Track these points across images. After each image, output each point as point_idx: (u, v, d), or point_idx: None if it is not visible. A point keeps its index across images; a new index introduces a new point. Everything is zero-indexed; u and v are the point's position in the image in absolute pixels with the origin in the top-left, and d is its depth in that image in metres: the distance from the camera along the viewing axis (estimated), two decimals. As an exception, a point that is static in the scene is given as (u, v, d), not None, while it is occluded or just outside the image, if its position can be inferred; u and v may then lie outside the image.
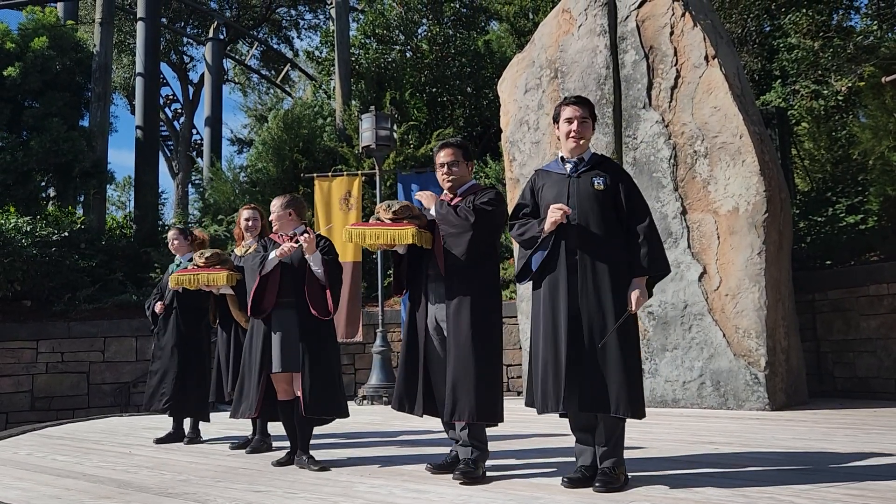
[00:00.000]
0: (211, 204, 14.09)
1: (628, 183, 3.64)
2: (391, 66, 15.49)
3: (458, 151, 4.03)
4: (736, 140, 6.93)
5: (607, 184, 3.57)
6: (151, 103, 16.32)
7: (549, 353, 3.49)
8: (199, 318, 5.77)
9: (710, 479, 3.57)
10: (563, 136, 3.71)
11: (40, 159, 13.27)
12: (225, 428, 6.30)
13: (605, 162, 3.73)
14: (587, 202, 3.57)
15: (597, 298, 3.47)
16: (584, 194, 3.58)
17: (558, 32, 8.17)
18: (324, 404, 4.33)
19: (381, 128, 9.75)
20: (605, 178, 3.59)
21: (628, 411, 3.37)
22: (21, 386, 10.57)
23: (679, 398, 6.98)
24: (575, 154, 3.69)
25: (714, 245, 6.95)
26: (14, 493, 3.80)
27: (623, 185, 3.61)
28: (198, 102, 25.29)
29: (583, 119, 3.68)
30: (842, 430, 5.28)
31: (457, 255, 3.77)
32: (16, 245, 11.18)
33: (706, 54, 7.18)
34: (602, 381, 3.41)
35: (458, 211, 3.85)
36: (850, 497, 3.12)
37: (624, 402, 3.37)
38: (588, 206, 3.56)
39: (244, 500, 3.48)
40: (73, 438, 6.15)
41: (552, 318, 3.52)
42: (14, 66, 13.59)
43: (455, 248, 3.78)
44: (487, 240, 3.85)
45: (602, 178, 3.59)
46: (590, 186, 3.58)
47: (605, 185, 3.57)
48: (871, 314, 7.99)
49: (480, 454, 3.81)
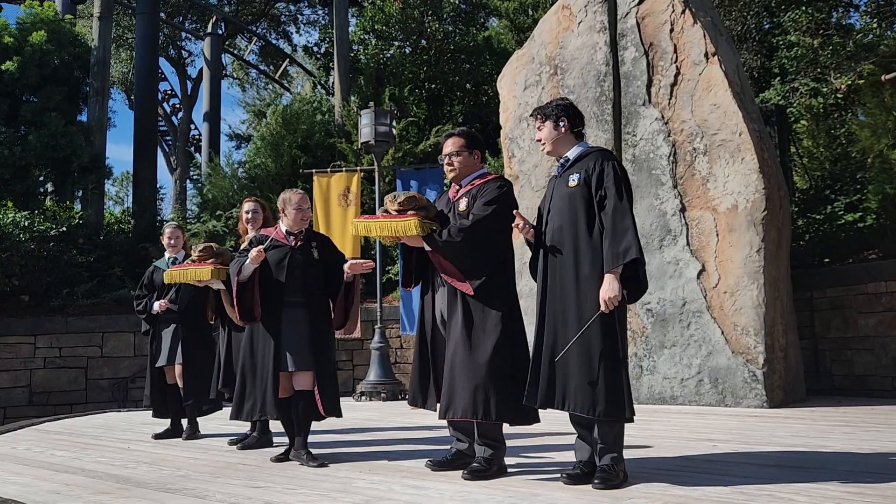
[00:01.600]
0: (209, 200, 14.06)
1: (601, 169, 3.50)
2: (390, 61, 15.46)
3: (461, 140, 3.96)
4: (735, 137, 6.93)
5: (579, 180, 3.52)
6: (150, 98, 16.29)
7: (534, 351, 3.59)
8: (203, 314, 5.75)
9: (709, 477, 3.58)
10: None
11: (38, 154, 13.24)
12: (223, 424, 6.30)
13: (587, 156, 3.62)
14: (560, 201, 3.57)
15: (562, 301, 3.48)
16: (559, 194, 3.59)
17: (558, 29, 8.16)
18: (335, 402, 4.40)
19: (380, 124, 9.73)
20: (580, 174, 3.54)
21: (591, 411, 3.34)
22: (19, 381, 10.56)
23: (677, 395, 6.99)
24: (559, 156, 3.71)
25: (713, 242, 6.95)
26: (13, 488, 3.79)
27: (595, 174, 3.50)
28: (196, 98, 25.25)
29: (538, 128, 3.74)
30: (839, 428, 5.29)
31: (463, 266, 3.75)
32: (13, 240, 11.16)
33: (706, 51, 7.17)
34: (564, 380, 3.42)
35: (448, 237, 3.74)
36: (849, 494, 3.13)
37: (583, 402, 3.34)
38: (561, 205, 3.56)
39: (243, 495, 3.49)
40: (71, 433, 6.15)
41: (538, 318, 3.58)
42: (12, 60, 13.55)
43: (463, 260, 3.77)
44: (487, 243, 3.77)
45: (578, 174, 3.55)
46: (565, 185, 3.58)
47: (577, 182, 3.52)
48: (870, 312, 8.00)
49: (495, 453, 3.75)
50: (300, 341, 4.35)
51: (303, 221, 4.58)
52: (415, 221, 3.75)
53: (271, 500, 3.35)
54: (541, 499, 3.21)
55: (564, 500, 3.17)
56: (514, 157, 8.33)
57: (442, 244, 3.73)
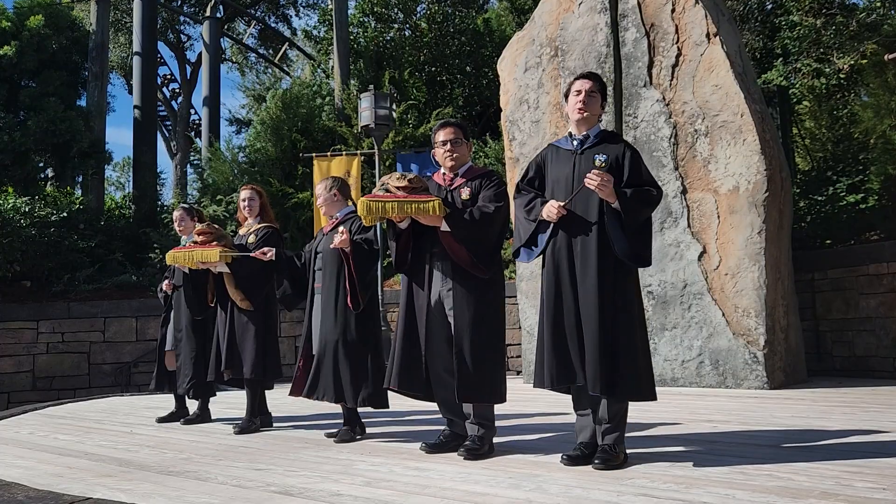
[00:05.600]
0: (210, 184, 14.05)
1: (632, 157, 3.57)
2: (390, 44, 15.39)
3: (459, 131, 4.04)
4: (737, 119, 6.90)
5: (608, 161, 3.52)
6: (149, 83, 16.21)
7: (548, 334, 3.52)
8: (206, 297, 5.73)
9: (709, 457, 3.59)
10: (571, 108, 3.68)
11: (38, 139, 13.22)
12: (226, 408, 6.33)
13: (610, 138, 3.68)
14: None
15: (587, 281, 3.45)
16: (585, 171, 3.54)
17: (558, 10, 8.10)
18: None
19: (380, 107, 9.71)
20: (607, 156, 3.54)
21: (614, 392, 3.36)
22: (22, 366, 10.61)
23: (678, 377, 7.01)
24: (582, 129, 3.66)
25: (714, 224, 6.94)
26: (16, 472, 3.82)
27: (626, 160, 3.55)
28: (195, 82, 25.13)
29: (591, 93, 3.64)
30: (840, 409, 5.30)
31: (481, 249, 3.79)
32: (14, 225, 11.16)
33: (707, 32, 7.12)
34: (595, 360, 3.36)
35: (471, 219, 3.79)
36: (848, 474, 3.14)
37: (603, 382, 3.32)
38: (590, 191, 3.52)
39: (245, 477, 3.50)
40: (74, 418, 6.18)
41: (553, 300, 3.52)
42: (10, 45, 13.49)
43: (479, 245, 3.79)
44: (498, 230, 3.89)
45: (605, 155, 3.55)
46: (591, 164, 3.55)
47: (606, 163, 3.52)
48: (871, 293, 8.00)
49: (487, 431, 3.85)
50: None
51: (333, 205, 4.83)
52: (438, 202, 3.77)
53: (273, 482, 3.37)
54: (541, 479, 3.23)
55: (565, 481, 3.18)
56: (515, 140, 8.30)
57: (464, 226, 3.77)
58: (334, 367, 4.42)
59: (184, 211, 5.96)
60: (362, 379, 4.43)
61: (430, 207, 3.76)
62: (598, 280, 3.41)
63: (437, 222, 3.80)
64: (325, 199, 4.77)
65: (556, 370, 3.45)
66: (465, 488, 3.12)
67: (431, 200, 3.77)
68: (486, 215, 3.80)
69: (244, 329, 5.10)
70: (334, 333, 4.45)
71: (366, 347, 4.48)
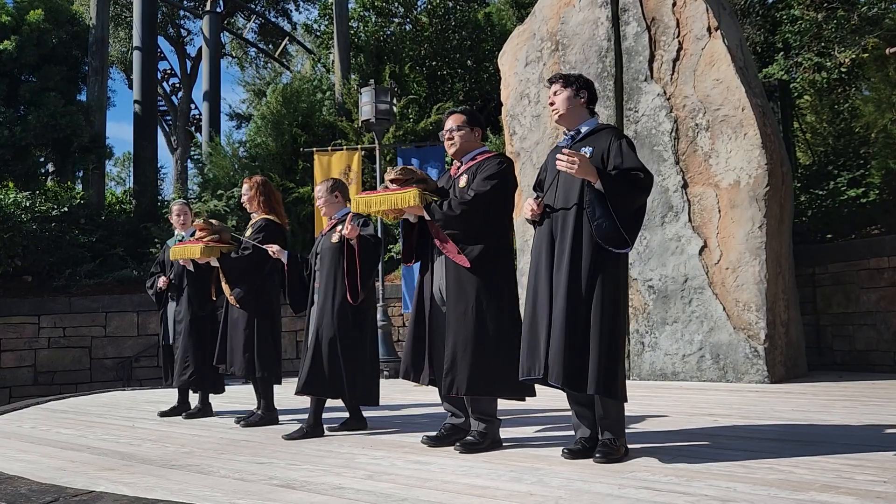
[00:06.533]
0: (210, 179, 14.05)
1: (619, 144, 3.48)
2: (391, 39, 15.36)
3: (463, 117, 3.98)
4: (738, 113, 6.89)
5: (593, 154, 3.47)
6: (149, 78, 16.20)
7: (524, 326, 3.54)
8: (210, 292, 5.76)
9: (710, 451, 3.60)
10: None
11: (38, 134, 13.22)
12: (228, 402, 6.34)
13: (600, 131, 3.61)
14: (570, 176, 3.45)
15: (561, 273, 3.43)
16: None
17: (559, 4, 8.08)
18: None
19: (381, 102, 9.68)
20: (593, 148, 3.50)
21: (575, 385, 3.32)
22: (23, 361, 10.63)
23: (679, 371, 7.02)
24: (570, 127, 3.66)
25: (715, 219, 6.94)
26: (19, 466, 3.83)
27: (612, 147, 3.47)
28: (196, 77, 25.09)
29: (555, 93, 3.64)
30: (840, 403, 5.31)
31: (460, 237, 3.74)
32: (15, 220, 11.17)
33: (708, 26, 7.11)
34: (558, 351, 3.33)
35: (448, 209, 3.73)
36: (849, 467, 3.15)
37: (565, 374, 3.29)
38: (571, 180, 3.47)
39: (247, 471, 3.51)
40: (76, 412, 6.19)
41: (532, 292, 3.52)
42: (10, 39, 13.48)
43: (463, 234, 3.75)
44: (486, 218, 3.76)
45: (590, 148, 3.50)
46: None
47: (590, 155, 3.45)
48: (871, 287, 8.00)
49: (488, 426, 3.80)
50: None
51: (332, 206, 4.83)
52: (414, 192, 3.74)
53: (275, 475, 3.38)
54: (542, 473, 3.23)
55: (566, 474, 3.19)
56: (516, 135, 8.29)
57: (442, 215, 3.73)
58: (330, 364, 4.43)
59: (183, 205, 6.03)
60: (356, 376, 4.44)
61: (404, 199, 3.74)
62: (569, 272, 3.39)
63: (419, 212, 3.79)
64: (325, 200, 4.76)
65: (527, 362, 3.46)
66: (466, 481, 3.13)
67: (407, 192, 3.75)
68: (463, 203, 3.70)
69: (234, 327, 5.12)
70: (330, 330, 4.45)
71: (360, 344, 4.49)
